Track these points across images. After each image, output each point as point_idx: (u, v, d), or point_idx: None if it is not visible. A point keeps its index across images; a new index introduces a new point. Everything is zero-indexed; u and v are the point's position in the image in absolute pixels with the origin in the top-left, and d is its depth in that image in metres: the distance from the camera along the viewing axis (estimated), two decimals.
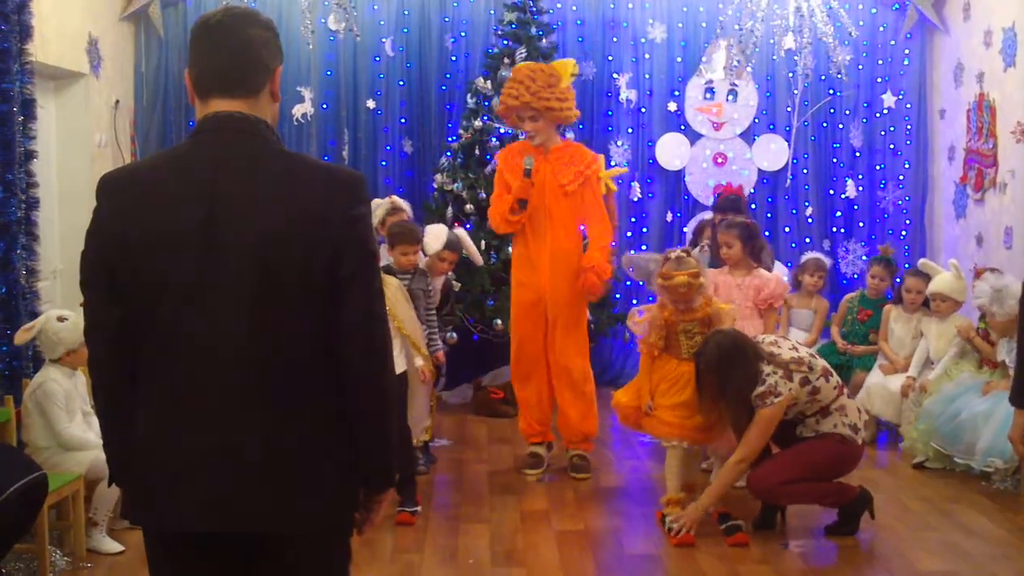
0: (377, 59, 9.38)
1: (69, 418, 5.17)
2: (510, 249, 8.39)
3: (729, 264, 6.50)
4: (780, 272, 6.98)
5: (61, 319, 5.20)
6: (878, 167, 9.66)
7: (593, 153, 6.68)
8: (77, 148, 7.66)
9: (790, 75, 9.46)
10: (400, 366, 5.87)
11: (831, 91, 9.52)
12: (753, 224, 6.65)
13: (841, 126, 9.65)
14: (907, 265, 8.93)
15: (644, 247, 9.63)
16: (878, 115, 9.63)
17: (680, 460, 5.63)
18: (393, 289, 5.92)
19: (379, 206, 7.06)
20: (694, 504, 5.41)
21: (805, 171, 9.63)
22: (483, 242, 8.49)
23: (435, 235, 6.74)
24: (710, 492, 5.41)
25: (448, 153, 9.01)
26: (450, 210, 8.72)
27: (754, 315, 6.39)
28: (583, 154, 6.54)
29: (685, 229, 9.59)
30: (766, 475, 5.33)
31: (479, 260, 7.57)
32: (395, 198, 7.21)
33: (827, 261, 8.17)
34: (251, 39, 2.43)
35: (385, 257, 6.56)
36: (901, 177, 9.63)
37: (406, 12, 9.40)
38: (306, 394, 2.39)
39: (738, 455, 5.29)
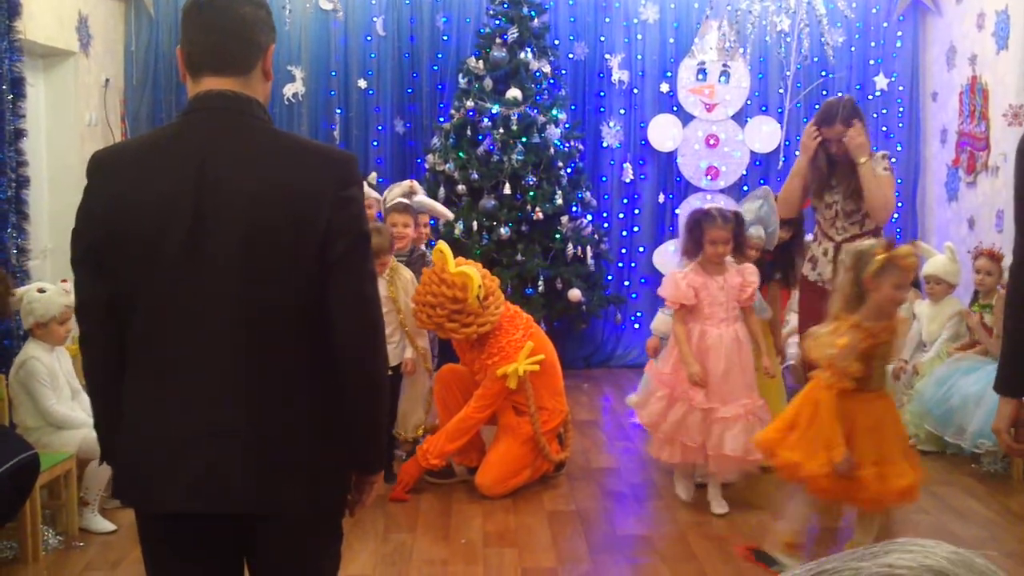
0: (368, 38, 9.35)
1: (56, 395, 5.16)
2: (502, 230, 8.45)
3: (714, 262, 5.49)
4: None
5: (41, 291, 5.20)
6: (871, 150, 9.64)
7: (508, 345, 5.84)
8: (67, 127, 7.63)
9: (782, 55, 9.46)
10: (397, 358, 5.89)
11: (823, 73, 9.52)
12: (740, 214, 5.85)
13: None
14: None
15: (636, 228, 9.64)
16: (870, 97, 9.63)
17: (816, 507, 4.81)
18: (404, 280, 5.93)
19: (397, 186, 7.11)
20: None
21: (797, 153, 9.59)
22: (475, 222, 8.50)
23: (399, 187, 7.02)
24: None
25: (439, 133, 9.00)
26: (442, 190, 8.72)
27: (738, 318, 5.53)
28: (494, 349, 5.83)
29: (677, 211, 9.59)
30: None
31: (449, 215, 7.79)
32: (414, 182, 7.25)
33: None
34: (243, 17, 2.41)
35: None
36: (893, 160, 9.57)
37: None
38: (296, 375, 2.38)
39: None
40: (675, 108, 9.62)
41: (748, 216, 5.90)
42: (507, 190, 8.59)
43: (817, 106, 9.52)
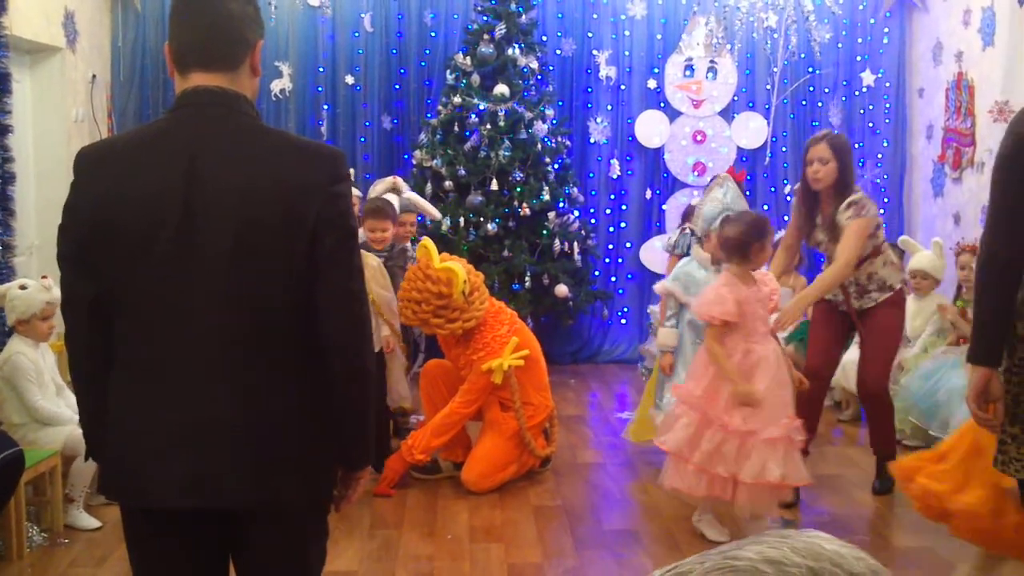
0: (356, 34, 9.34)
1: (41, 391, 5.15)
2: (489, 226, 8.45)
3: (755, 269, 5.06)
4: None
5: (22, 287, 5.18)
6: (857, 145, 9.67)
7: (493, 340, 5.86)
8: (53, 123, 7.60)
9: (769, 51, 9.48)
10: (376, 343, 5.89)
11: (810, 69, 9.54)
12: None
13: (820, 104, 9.68)
14: None
15: (623, 224, 9.65)
16: (857, 93, 9.66)
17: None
18: (372, 268, 5.93)
19: (380, 183, 7.11)
20: (797, 299, 5.36)
21: (784, 149, 9.66)
22: (462, 218, 8.50)
23: (383, 183, 6.93)
24: (815, 287, 5.43)
25: (427, 129, 9.00)
26: (429, 186, 8.72)
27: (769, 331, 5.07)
28: (480, 344, 5.85)
29: (664, 207, 9.61)
30: (875, 377, 5.45)
31: (436, 214, 7.71)
32: (398, 179, 7.25)
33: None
34: (231, 12, 2.41)
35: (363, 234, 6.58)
36: (880, 156, 9.67)
37: None
38: (285, 370, 2.39)
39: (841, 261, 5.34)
40: (662, 104, 9.63)
41: (713, 205, 5.80)
42: (494, 186, 8.60)
43: (804, 102, 9.62)
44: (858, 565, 0.91)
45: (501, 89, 8.68)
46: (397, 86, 9.48)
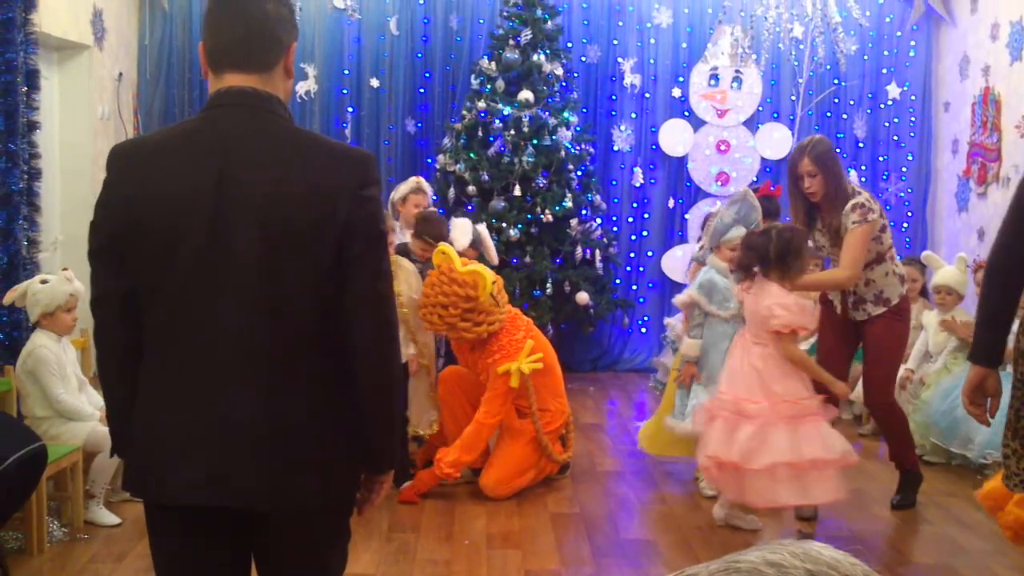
0: (382, 38, 9.37)
1: (64, 386, 5.16)
2: (512, 232, 8.45)
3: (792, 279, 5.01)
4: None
5: (44, 281, 5.20)
6: (881, 158, 9.67)
7: (509, 344, 5.87)
8: (80, 120, 7.63)
9: (794, 62, 9.46)
10: (403, 354, 5.86)
11: (836, 81, 9.51)
12: None
13: (845, 116, 9.66)
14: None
15: (645, 233, 9.64)
16: (882, 106, 9.63)
17: None
18: (407, 272, 5.91)
19: (404, 184, 7.10)
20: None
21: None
22: (485, 224, 8.50)
23: (462, 231, 6.69)
24: (811, 280, 5.23)
25: (450, 134, 9.01)
26: (452, 191, 8.72)
27: None
28: (495, 348, 5.85)
29: (687, 216, 9.59)
30: (880, 387, 5.41)
31: (495, 258, 7.14)
32: (421, 179, 7.22)
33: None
34: (266, 13, 2.41)
35: (401, 236, 6.57)
36: (904, 169, 9.64)
37: None
38: (309, 372, 2.39)
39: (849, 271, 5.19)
40: (686, 113, 9.62)
41: (727, 219, 5.84)
42: (517, 192, 8.60)
43: (829, 114, 9.60)
44: (854, 570, 0.95)
45: (525, 95, 8.69)
46: (422, 90, 9.49)
